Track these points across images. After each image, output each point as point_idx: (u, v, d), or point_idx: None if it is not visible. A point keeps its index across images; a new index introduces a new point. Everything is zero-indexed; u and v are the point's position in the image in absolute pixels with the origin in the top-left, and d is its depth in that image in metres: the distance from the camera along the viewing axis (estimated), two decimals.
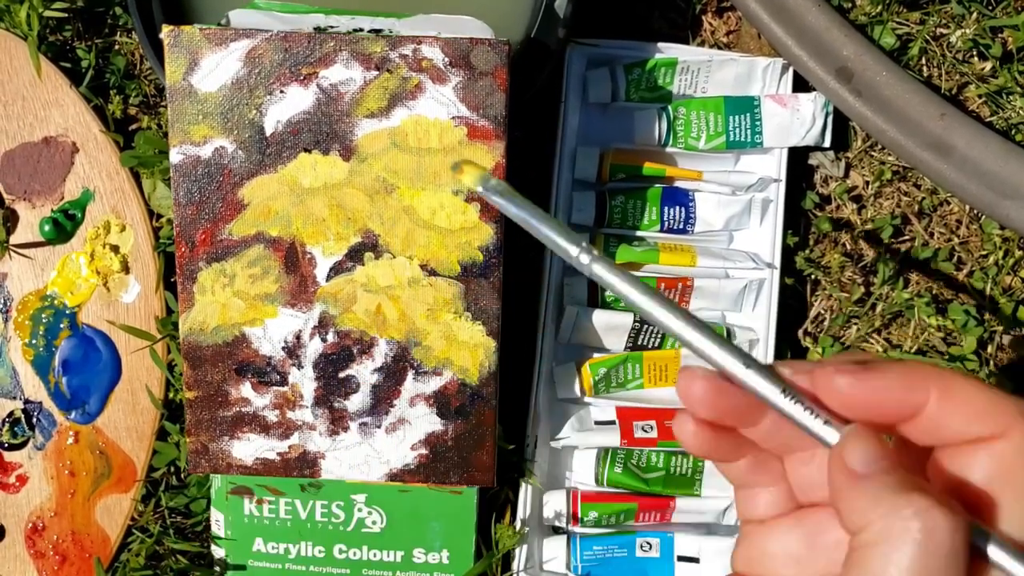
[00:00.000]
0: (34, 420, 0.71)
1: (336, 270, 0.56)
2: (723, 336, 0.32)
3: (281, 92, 0.54)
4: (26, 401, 0.71)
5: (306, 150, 0.55)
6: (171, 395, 0.70)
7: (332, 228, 0.55)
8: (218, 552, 0.66)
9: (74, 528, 0.71)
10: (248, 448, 0.58)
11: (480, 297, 0.57)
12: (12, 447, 0.71)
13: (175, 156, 0.54)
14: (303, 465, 0.59)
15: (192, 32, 0.53)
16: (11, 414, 0.71)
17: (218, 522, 0.66)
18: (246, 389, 0.58)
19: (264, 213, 0.55)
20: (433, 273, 0.56)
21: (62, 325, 0.70)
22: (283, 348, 0.57)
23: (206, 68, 0.53)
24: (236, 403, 0.58)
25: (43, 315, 0.70)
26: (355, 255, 0.56)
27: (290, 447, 0.58)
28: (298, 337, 0.57)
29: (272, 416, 0.58)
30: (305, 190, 0.55)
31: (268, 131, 0.54)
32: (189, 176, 0.54)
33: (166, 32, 0.53)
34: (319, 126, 0.54)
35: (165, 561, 0.69)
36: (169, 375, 0.69)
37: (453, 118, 0.54)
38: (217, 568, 0.67)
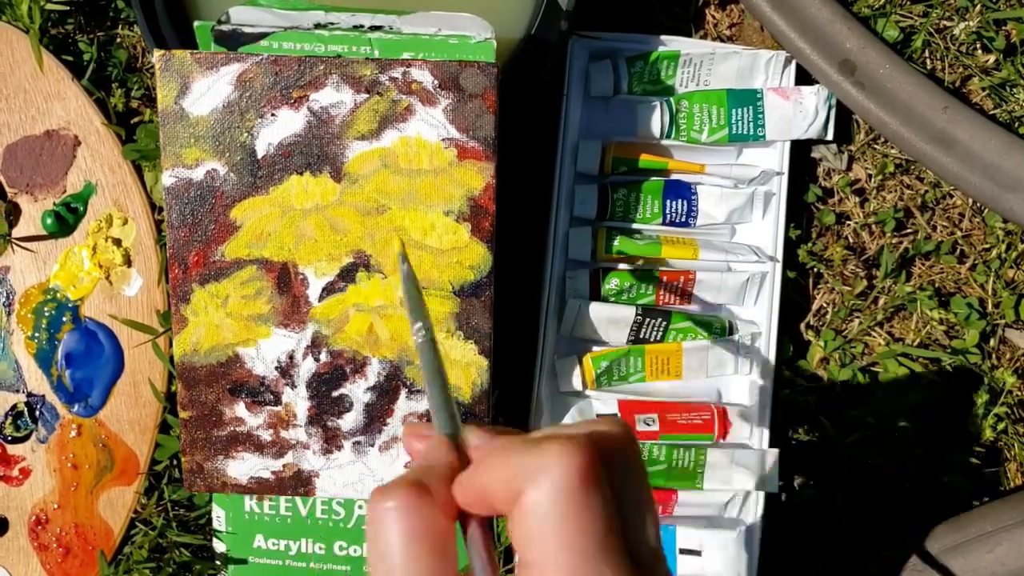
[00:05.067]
0: (37, 413, 0.71)
1: (328, 290, 0.56)
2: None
3: (272, 115, 0.54)
4: (29, 394, 0.71)
5: (297, 172, 0.55)
6: (173, 388, 0.70)
7: (324, 249, 0.56)
8: (219, 547, 0.67)
9: (77, 521, 0.71)
10: (243, 467, 0.59)
11: (472, 316, 0.57)
12: (15, 440, 0.71)
13: (167, 179, 0.54)
14: (297, 484, 0.59)
15: (183, 56, 0.53)
16: (14, 407, 0.71)
17: (219, 518, 0.66)
18: (240, 409, 0.58)
19: (256, 234, 0.55)
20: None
21: (64, 318, 0.70)
22: (276, 368, 0.57)
23: (197, 92, 0.54)
24: (230, 423, 0.58)
25: (45, 308, 0.70)
26: (347, 275, 0.56)
27: (284, 466, 0.59)
28: (291, 357, 0.57)
29: (266, 435, 0.58)
30: (297, 211, 0.55)
31: (260, 154, 0.54)
32: (181, 198, 0.55)
33: (157, 56, 0.53)
34: (310, 148, 0.55)
35: (168, 554, 0.70)
36: (171, 368, 0.69)
37: (443, 139, 0.55)
38: (218, 562, 0.67)
